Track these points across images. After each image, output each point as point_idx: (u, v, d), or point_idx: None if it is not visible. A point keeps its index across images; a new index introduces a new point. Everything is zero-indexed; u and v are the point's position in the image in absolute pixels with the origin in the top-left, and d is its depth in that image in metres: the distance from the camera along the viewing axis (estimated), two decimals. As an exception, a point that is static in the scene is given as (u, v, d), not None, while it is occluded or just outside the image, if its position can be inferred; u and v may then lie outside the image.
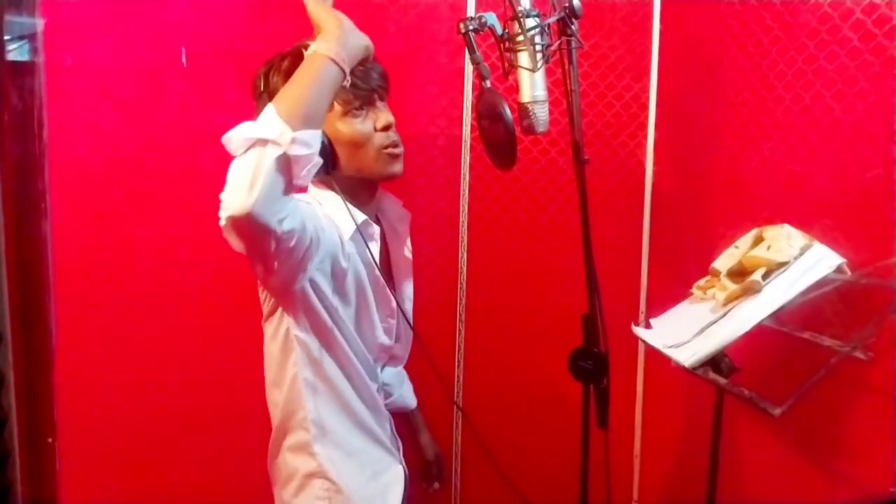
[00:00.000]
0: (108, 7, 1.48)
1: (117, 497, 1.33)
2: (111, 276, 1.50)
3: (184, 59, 1.54)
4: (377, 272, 1.29)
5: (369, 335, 1.33)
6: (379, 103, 1.26)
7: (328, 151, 1.19)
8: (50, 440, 0.77)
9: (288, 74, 1.10)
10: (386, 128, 1.24)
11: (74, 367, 1.33)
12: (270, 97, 1.08)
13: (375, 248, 1.29)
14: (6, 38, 0.72)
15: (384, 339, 1.37)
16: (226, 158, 1.01)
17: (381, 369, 1.44)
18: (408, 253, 1.45)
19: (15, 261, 0.67)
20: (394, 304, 1.35)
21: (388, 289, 1.33)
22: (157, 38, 1.53)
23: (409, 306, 1.46)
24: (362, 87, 1.21)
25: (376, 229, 1.31)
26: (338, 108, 1.20)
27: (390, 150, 1.25)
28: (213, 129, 1.27)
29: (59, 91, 1.39)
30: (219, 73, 1.54)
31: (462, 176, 1.74)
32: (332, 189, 1.23)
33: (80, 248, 1.47)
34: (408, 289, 1.46)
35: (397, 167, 1.27)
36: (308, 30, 1.12)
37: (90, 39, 1.47)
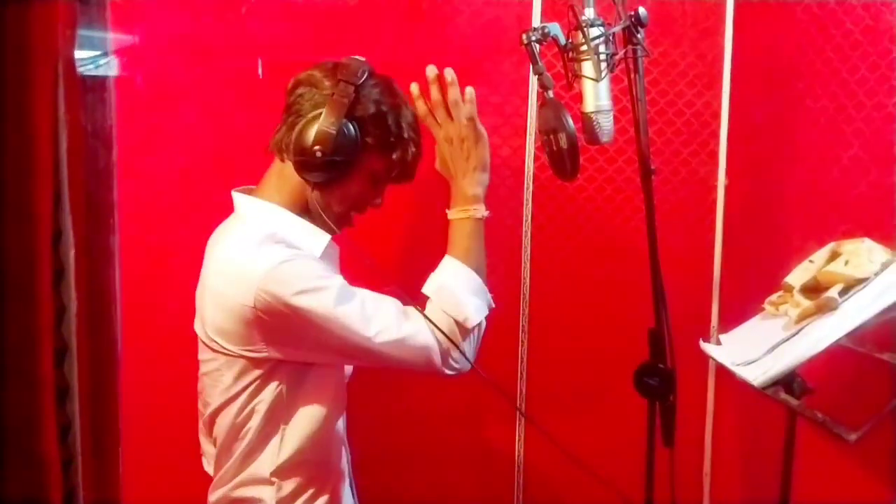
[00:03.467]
0: (177, 23, 1.51)
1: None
2: (177, 289, 1.55)
3: (260, 71, 1.58)
4: None
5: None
6: None
7: (339, 174, 1.13)
8: (114, 447, 0.79)
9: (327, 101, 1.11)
10: (375, 206, 1.23)
11: (140, 378, 1.36)
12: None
13: (337, 271, 1.24)
14: (80, 54, 0.74)
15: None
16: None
17: None
18: None
19: (84, 274, 0.70)
20: None
21: None
22: (224, 53, 1.56)
23: None
24: (407, 174, 1.22)
25: (337, 248, 1.27)
26: (382, 163, 1.17)
27: (352, 219, 1.23)
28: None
29: (129, 107, 1.43)
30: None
31: (525, 186, 1.73)
32: (298, 205, 1.17)
33: (147, 262, 1.50)
34: None
35: (341, 231, 1.23)
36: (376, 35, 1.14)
37: (160, 55, 1.50)
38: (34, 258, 0.66)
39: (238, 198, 1.19)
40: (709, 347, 1.33)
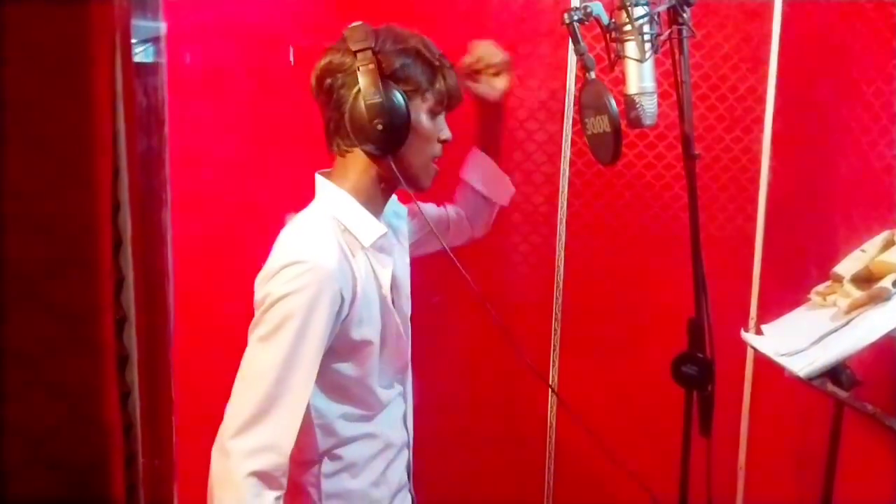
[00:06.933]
0: (224, 9, 1.54)
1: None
2: (224, 263, 1.57)
3: (292, 58, 1.58)
4: (386, 292, 1.20)
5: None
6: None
7: (404, 131, 1.13)
8: (167, 415, 0.81)
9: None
10: (446, 141, 1.21)
11: (191, 349, 1.39)
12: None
13: (390, 264, 1.21)
14: (133, 41, 0.76)
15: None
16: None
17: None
18: (407, 258, 1.31)
19: (139, 248, 0.71)
20: (400, 326, 1.24)
21: (394, 312, 1.23)
22: (269, 37, 1.57)
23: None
24: (456, 97, 1.20)
25: (393, 242, 1.24)
26: (431, 100, 1.16)
27: (435, 165, 1.21)
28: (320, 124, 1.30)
29: (178, 89, 1.45)
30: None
31: (561, 171, 1.70)
32: (363, 192, 1.18)
33: (196, 237, 1.54)
34: (407, 305, 1.30)
35: (430, 183, 1.22)
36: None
37: (207, 40, 1.52)
38: (95, 228, 0.67)
39: (318, 179, 1.22)
40: (750, 337, 1.29)
